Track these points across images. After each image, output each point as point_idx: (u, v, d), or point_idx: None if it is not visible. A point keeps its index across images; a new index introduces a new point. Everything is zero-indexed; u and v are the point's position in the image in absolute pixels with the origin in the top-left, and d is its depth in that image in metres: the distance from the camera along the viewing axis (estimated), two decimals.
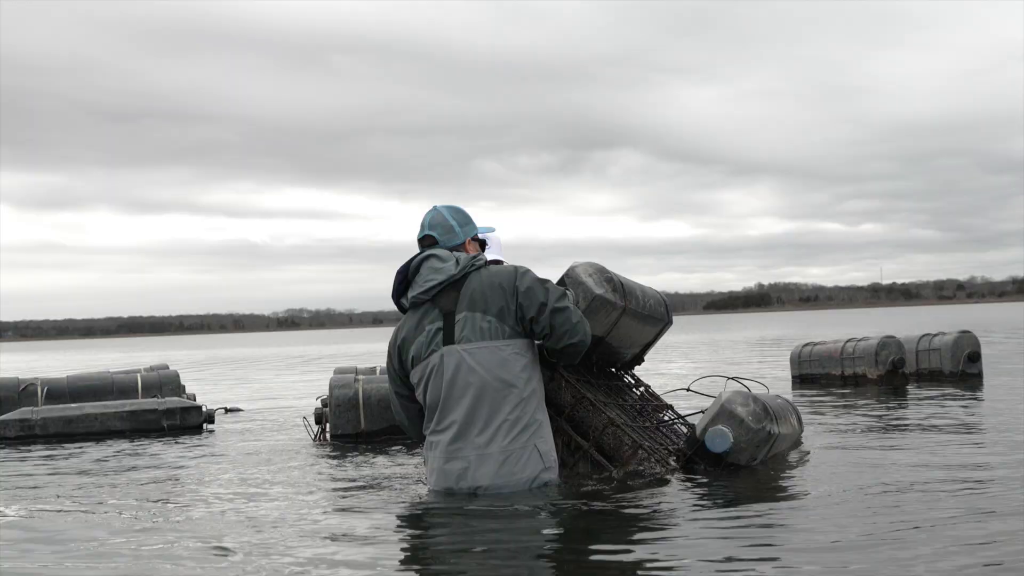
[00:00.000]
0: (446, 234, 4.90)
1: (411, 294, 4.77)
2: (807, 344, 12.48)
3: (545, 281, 4.72)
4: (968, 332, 11.79)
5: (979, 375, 11.18)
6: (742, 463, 5.04)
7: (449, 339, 4.64)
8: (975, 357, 11.31)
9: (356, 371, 8.30)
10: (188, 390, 11.25)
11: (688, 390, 6.01)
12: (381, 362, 9.41)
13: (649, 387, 5.69)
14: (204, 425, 9.04)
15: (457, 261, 4.73)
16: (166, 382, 10.51)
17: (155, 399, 9.31)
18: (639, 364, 5.72)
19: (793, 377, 12.22)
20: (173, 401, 9.12)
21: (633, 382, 5.70)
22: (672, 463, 5.04)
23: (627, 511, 4.32)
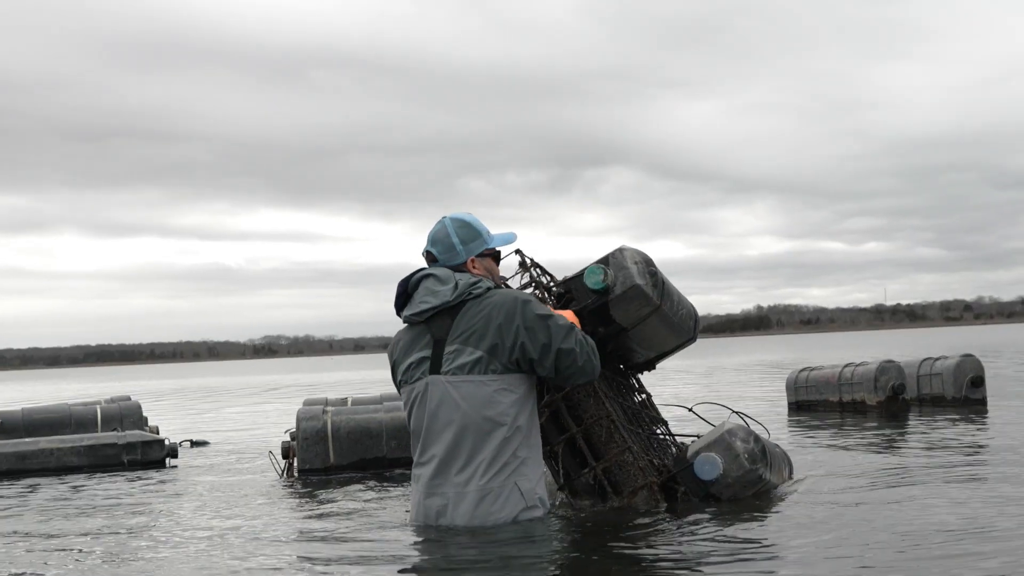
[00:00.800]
0: (446, 252, 4.77)
1: (405, 313, 4.74)
2: (804, 369, 12.45)
3: (548, 317, 4.56)
4: (971, 356, 11.78)
5: (983, 400, 11.16)
6: (722, 498, 5.02)
7: (436, 368, 4.59)
8: (978, 382, 11.30)
9: (326, 402, 8.24)
10: (151, 422, 11.17)
11: (690, 410, 5.98)
12: (360, 392, 9.41)
13: (651, 395, 5.67)
14: (167, 460, 8.96)
15: (456, 285, 4.62)
16: (127, 414, 10.44)
17: (115, 432, 9.22)
18: (649, 370, 5.68)
19: (789, 404, 12.20)
20: (134, 434, 9.04)
21: (637, 386, 5.68)
22: (653, 477, 5.02)
23: (615, 550, 4.27)
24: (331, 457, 7.41)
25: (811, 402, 11.94)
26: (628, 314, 5.17)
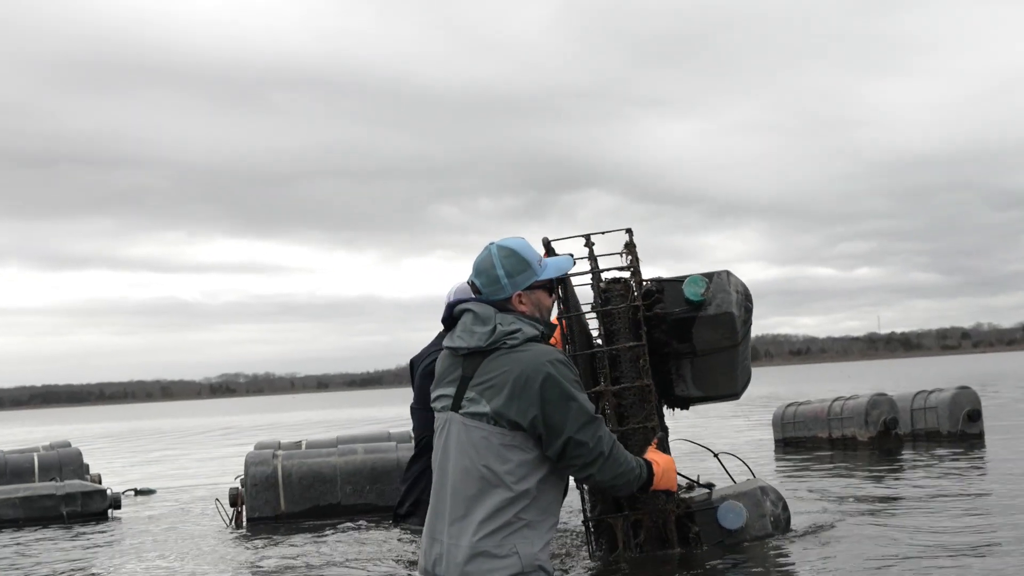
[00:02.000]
0: (490, 285, 4.53)
1: (445, 343, 4.67)
2: (791, 404, 12.43)
3: (572, 398, 4.34)
4: (967, 388, 11.78)
5: (980, 435, 11.16)
6: (722, 542, 5.12)
7: (456, 406, 4.47)
8: (975, 416, 11.29)
9: (278, 445, 8.14)
10: (94, 470, 11.01)
11: (715, 456, 5.96)
12: (323, 434, 9.32)
13: (667, 431, 5.64)
14: (109, 511, 8.82)
15: (493, 330, 4.45)
16: (67, 462, 10.28)
17: (53, 482, 9.08)
18: (682, 408, 5.68)
19: (776, 441, 12.15)
20: (74, 484, 8.90)
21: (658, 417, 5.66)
22: (672, 506, 5.06)
23: None
24: (282, 504, 7.33)
25: (799, 439, 11.90)
26: (708, 339, 5.23)
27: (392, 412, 39.73)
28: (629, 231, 5.35)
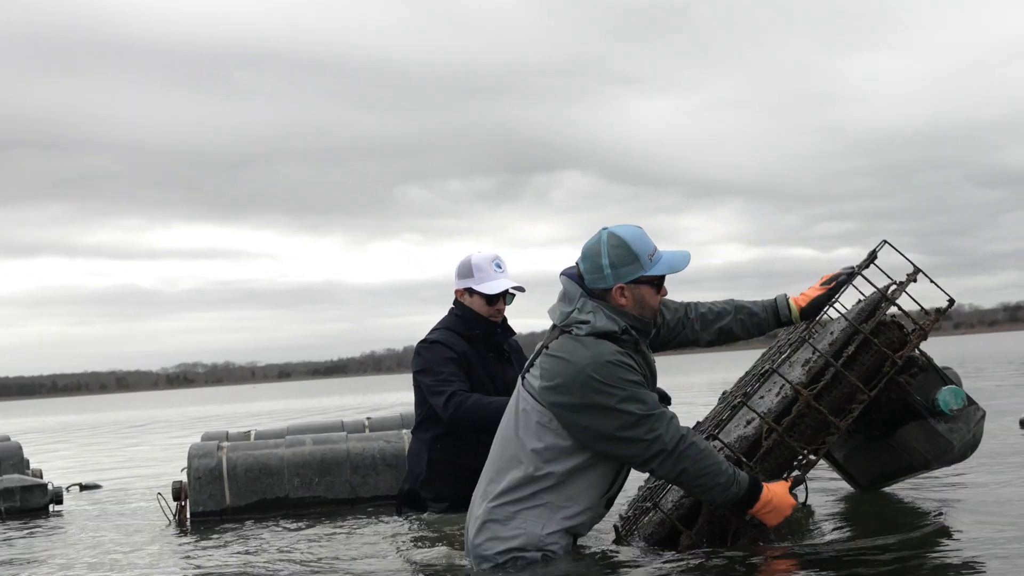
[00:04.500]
0: (593, 272, 4.57)
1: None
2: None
3: (609, 407, 4.35)
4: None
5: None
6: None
7: (524, 373, 4.64)
8: None
9: (226, 436, 8.03)
10: (35, 464, 10.88)
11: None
12: (282, 422, 9.25)
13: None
14: (50, 506, 8.72)
15: (571, 313, 4.53)
16: (6, 456, 10.10)
17: None
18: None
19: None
20: (12, 479, 8.78)
21: None
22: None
23: None
24: (227, 498, 7.22)
25: None
26: (911, 444, 5.16)
27: (355, 401, 39.68)
28: (886, 242, 5.24)
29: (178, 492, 7.40)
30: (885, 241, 5.17)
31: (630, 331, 4.52)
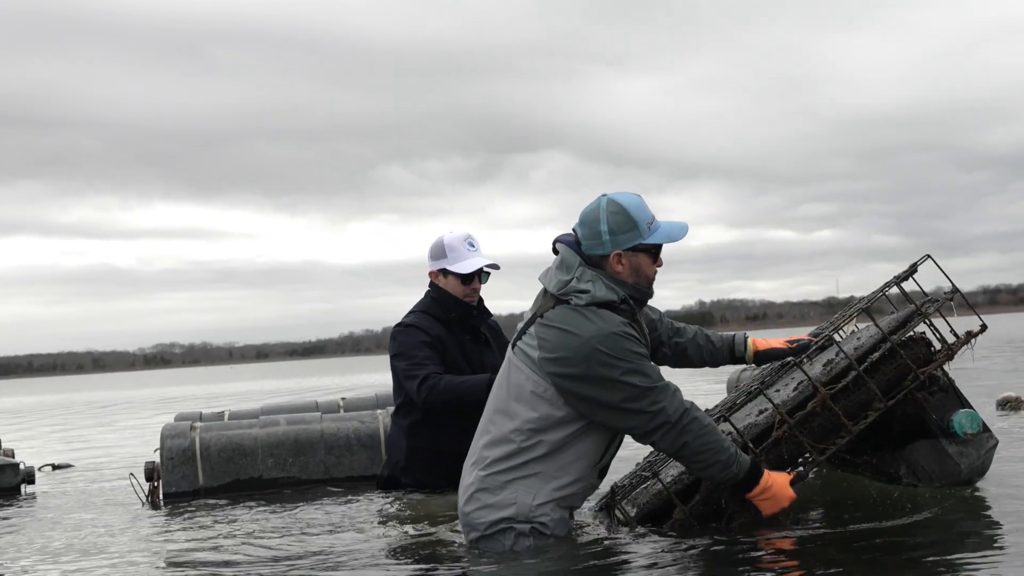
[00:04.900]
0: (591, 238, 4.55)
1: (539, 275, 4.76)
2: (747, 368, 12.39)
3: (614, 379, 4.35)
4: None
5: None
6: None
7: (515, 342, 4.62)
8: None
9: (199, 417, 8.00)
10: (7, 444, 10.84)
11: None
12: (258, 403, 9.21)
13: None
14: (22, 487, 8.68)
15: (570, 282, 4.50)
16: None
17: None
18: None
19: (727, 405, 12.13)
20: None
21: None
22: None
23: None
24: (200, 479, 7.21)
25: None
26: (916, 461, 5.16)
27: (332, 382, 39.64)
28: (929, 256, 5.28)
29: (151, 473, 7.39)
30: (928, 256, 5.20)
31: (628, 301, 4.53)
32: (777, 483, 4.53)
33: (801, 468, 4.83)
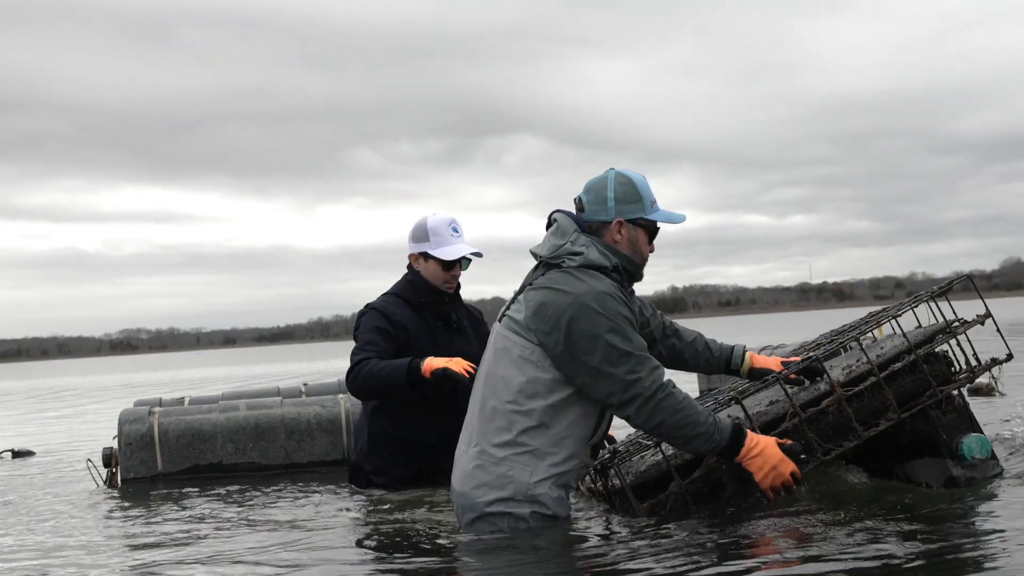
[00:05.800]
0: (595, 204, 4.63)
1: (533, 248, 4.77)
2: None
3: (599, 336, 4.35)
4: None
5: None
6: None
7: (503, 314, 4.64)
8: None
9: (159, 402, 7.97)
10: None
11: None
12: (226, 387, 9.19)
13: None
14: None
15: (563, 245, 4.56)
16: None
17: None
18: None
19: (701, 392, 12.14)
20: None
21: None
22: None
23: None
24: (159, 464, 7.18)
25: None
26: (919, 472, 5.09)
27: (300, 368, 39.59)
28: (969, 276, 5.27)
29: (108, 458, 7.35)
30: (968, 276, 5.19)
31: (620, 269, 4.56)
32: (763, 442, 4.51)
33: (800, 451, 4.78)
